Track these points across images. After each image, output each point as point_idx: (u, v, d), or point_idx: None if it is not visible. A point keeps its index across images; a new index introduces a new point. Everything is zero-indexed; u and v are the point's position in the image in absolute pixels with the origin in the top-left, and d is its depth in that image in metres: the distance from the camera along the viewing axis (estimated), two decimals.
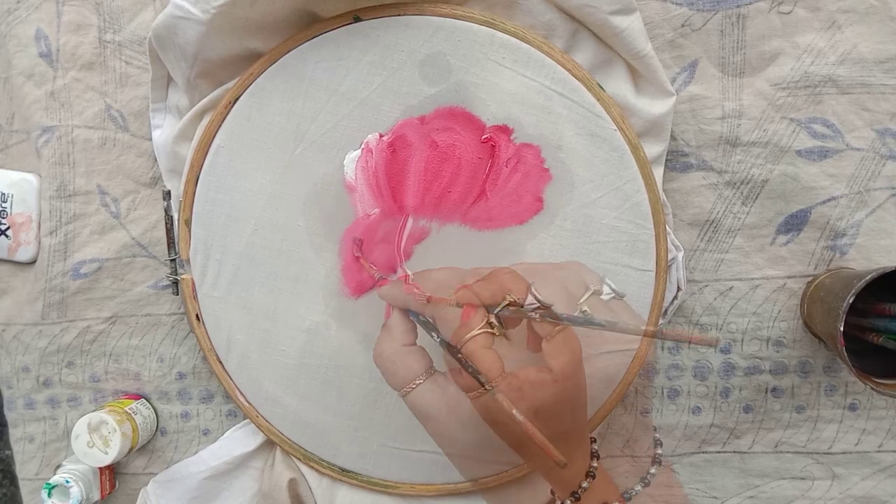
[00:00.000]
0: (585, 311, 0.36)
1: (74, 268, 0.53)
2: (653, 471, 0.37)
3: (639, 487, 0.37)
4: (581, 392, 0.35)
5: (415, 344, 0.39)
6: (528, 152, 0.45)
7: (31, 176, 0.53)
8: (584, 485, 0.36)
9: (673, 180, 0.48)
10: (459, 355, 0.34)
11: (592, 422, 0.46)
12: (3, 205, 0.53)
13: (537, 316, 0.35)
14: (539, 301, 0.36)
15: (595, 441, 0.39)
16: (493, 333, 0.35)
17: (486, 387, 0.33)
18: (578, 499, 0.36)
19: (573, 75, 0.44)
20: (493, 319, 0.35)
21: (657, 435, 0.39)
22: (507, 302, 0.36)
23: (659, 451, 0.38)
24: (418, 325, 0.38)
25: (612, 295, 0.38)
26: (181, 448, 0.54)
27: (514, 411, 0.31)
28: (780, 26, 0.46)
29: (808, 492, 0.50)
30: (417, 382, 0.38)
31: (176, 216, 0.49)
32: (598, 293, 0.37)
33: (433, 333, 0.37)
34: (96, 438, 0.49)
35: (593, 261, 0.46)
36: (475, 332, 0.34)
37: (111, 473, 0.54)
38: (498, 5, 0.45)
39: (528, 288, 0.36)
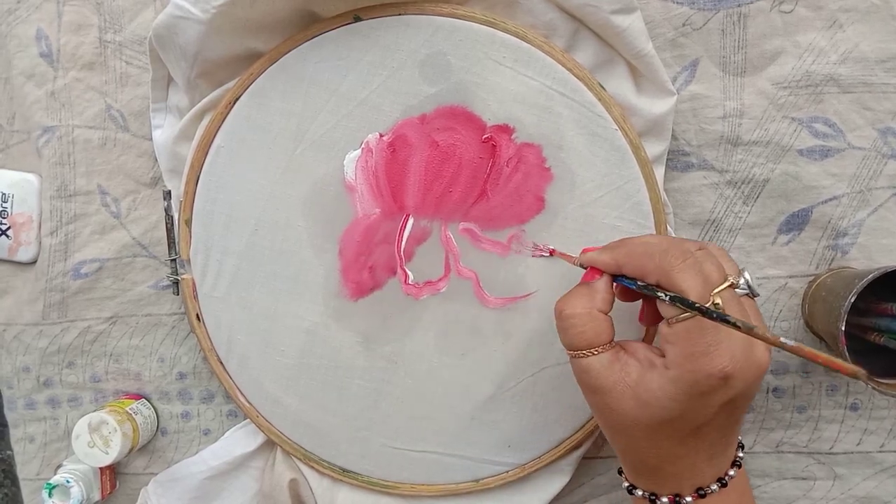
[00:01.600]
0: (718, 303, 0.33)
1: (75, 268, 0.53)
2: (732, 472, 0.37)
3: (715, 487, 0.36)
4: (707, 391, 0.33)
5: (608, 315, 0.37)
6: (528, 152, 0.45)
7: (31, 176, 0.53)
8: (714, 487, 0.35)
9: (674, 180, 0.48)
10: (699, 306, 0.33)
11: None
12: (4, 205, 0.53)
13: (666, 298, 0.34)
14: (751, 288, 0.35)
15: (742, 447, 0.38)
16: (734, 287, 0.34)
17: (748, 329, 0.31)
18: (703, 496, 0.35)
19: (574, 75, 0.44)
20: (718, 300, 0.34)
21: (740, 437, 0.38)
22: (727, 283, 0.34)
23: (741, 453, 0.38)
24: (640, 290, 0.36)
25: (747, 291, 0.36)
26: (182, 448, 0.54)
27: (784, 339, 0.30)
28: (781, 25, 0.46)
29: (809, 492, 0.50)
30: (600, 350, 0.36)
31: (176, 216, 0.49)
32: (734, 286, 0.35)
33: (661, 293, 0.34)
34: (97, 438, 0.49)
35: None
36: (721, 287, 0.34)
37: (112, 473, 0.54)
38: (498, 5, 0.45)
39: (742, 271, 0.35)
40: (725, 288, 0.34)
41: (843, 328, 0.41)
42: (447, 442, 0.48)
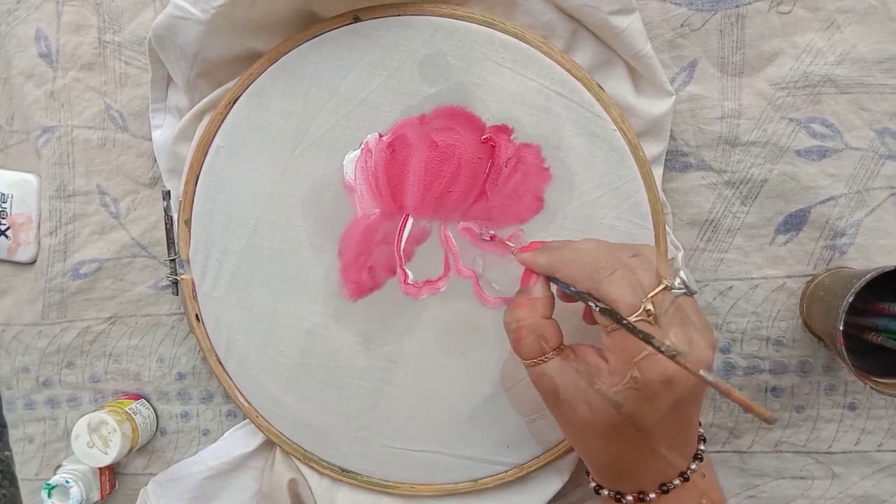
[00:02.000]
0: (650, 309, 0.34)
1: (74, 268, 0.53)
2: (693, 466, 0.37)
3: (677, 482, 0.36)
4: (651, 395, 0.34)
5: (551, 317, 0.38)
6: (527, 152, 0.45)
7: (30, 176, 0.53)
8: (676, 482, 0.36)
9: (672, 180, 0.48)
10: (625, 322, 0.33)
11: None
12: (3, 205, 0.53)
13: (596, 308, 0.34)
14: (687, 287, 0.35)
15: (704, 441, 0.38)
16: (650, 322, 0.34)
17: (669, 352, 0.31)
18: (667, 492, 0.36)
19: (573, 75, 0.45)
20: (650, 306, 0.34)
21: (701, 430, 0.38)
22: (661, 287, 0.34)
23: (702, 447, 0.38)
24: (573, 295, 0.37)
25: (683, 290, 0.36)
26: (181, 448, 0.54)
27: (703, 372, 0.30)
28: (779, 26, 0.46)
29: (807, 491, 0.50)
30: (550, 356, 0.37)
31: (176, 216, 0.49)
32: (669, 288, 0.35)
33: (592, 303, 0.35)
34: (96, 439, 0.49)
35: None
36: (635, 318, 0.33)
37: (111, 473, 0.54)
38: (498, 5, 0.45)
39: (676, 272, 0.35)
40: (658, 292, 0.34)
41: (842, 328, 0.41)
42: (446, 442, 0.48)
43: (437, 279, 0.47)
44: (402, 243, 0.47)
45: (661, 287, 0.35)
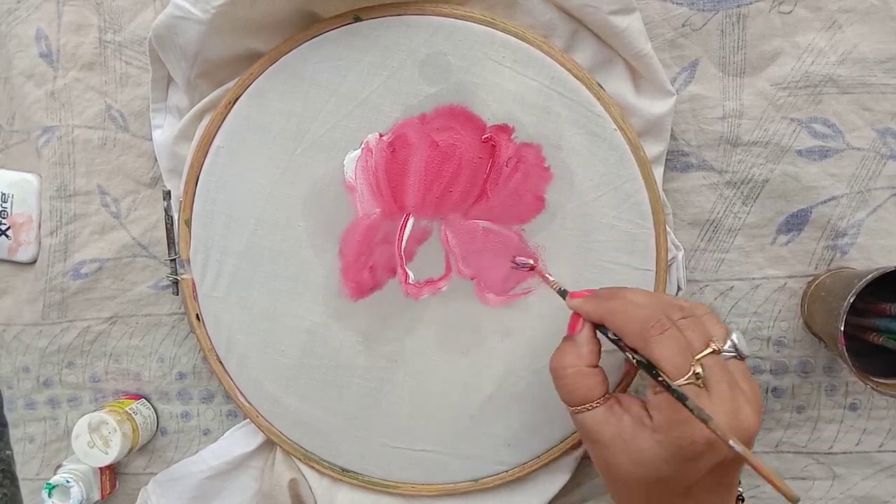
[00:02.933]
0: (699, 372, 0.33)
1: (75, 268, 0.53)
2: None
3: None
4: (693, 456, 0.33)
5: (598, 366, 0.38)
6: (528, 152, 0.45)
7: (31, 176, 0.53)
8: None
9: (673, 180, 0.48)
10: (661, 380, 0.33)
11: None
12: (4, 205, 0.53)
13: (638, 364, 0.34)
14: (738, 350, 0.35)
15: (742, 501, 0.38)
16: (698, 385, 0.33)
17: (702, 417, 0.31)
18: None
19: (573, 75, 0.44)
20: (699, 369, 0.33)
21: (741, 490, 0.38)
22: (710, 350, 0.34)
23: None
24: (620, 349, 0.36)
25: (734, 353, 0.35)
26: (181, 448, 0.54)
27: (732, 441, 0.30)
28: (780, 26, 0.46)
29: (808, 492, 0.50)
30: (595, 405, 0.36)
31: (176, 216, 0.49)
32: (718, 351, 0.34)
33: (638, 360, 0.35)
34: (97, 438, 0.49)
35: (593, 260, 0.46)
36: (683, 381, 0.33)
37: (111, 473, 0.54)
38: (498, 5, 0.45)
39: (728, 334, 0.35)
40: (706, 355, 0.34)
41: (842, 328, 0.41)
42: (447, 441, 0.48)
43: (438, 279, 0.47)
44: (403, 243, 0.47)
45: (710, 350, 0.34)
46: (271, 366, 0.49)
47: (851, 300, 0.40)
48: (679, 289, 0.47)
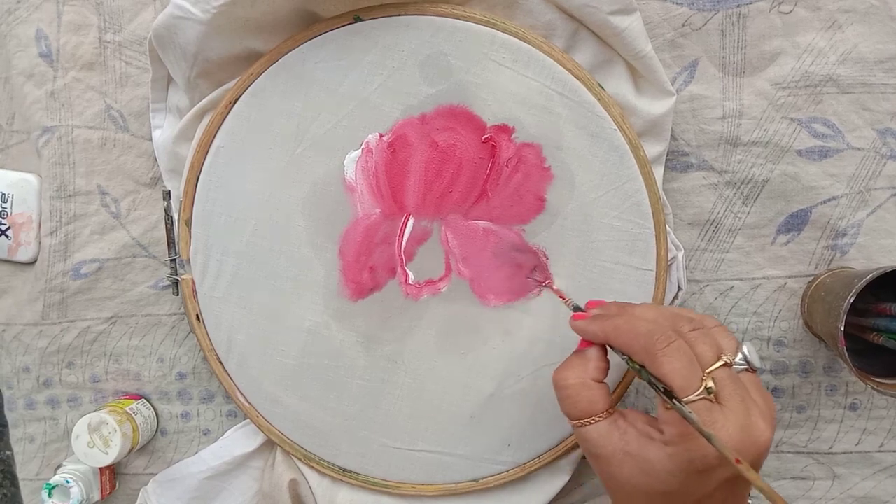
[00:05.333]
0: (710, 387, 0.32)
1: (75, 268, 0.53)
2: None
3: None
4: (705, 469, 0.33)
5: (603, 381, 0.37)
6: (528, 152, 0.45)
7: (31, 176, 0.53)
8: None
9: (673, 180, 0.48)
10: (681, 406, 0.32)
11: None
12: (4, 205, 0.53)
13: (645, 379, 0.33)
14: (749, 363, 0.34)
15: None
16: (710, 399, 0.32)
17: (706, 435, 0.30)
18: None
19: (573, 75, 0.44)
20: (710, 384, 0.32)
21: (751, 501, 0.37)
22: (721, 363, 0.33)
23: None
24: (629, 365, 0.36)
25: (745, 366, 0.34)
26: (181, 448, 0.54)
27: (742, 466, 0.29)
28: (780, 26, 0.46)
29: (808, 492, 0.50)
30: (597, 419, 0.36)
31: (176, 216, 0.49)
32: (729, 364, 0.34)
33: (646, 377, 0.34)
34: (96, 439, 0.49)
35: (594, 260, 0.46)
36: (694, 396, 0.32)
37: (111, 474, 0.54)
38: (498, 5, 0.45)
39: (739, 347, 0.34)
40: (718, 368, 0.33)
41: (843, 328, 0.41)
42: (447, 441, 0.48)
43: (438, 280, 0.47)
44: (403, 244, 0.47)
45: (721, 363, 0.33)
46: (271, 366, 0.49)
47: (851, 300, 0.40)
48: (679, 289, 0.47)
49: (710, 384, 0.33)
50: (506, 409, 0.48)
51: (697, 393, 0.32)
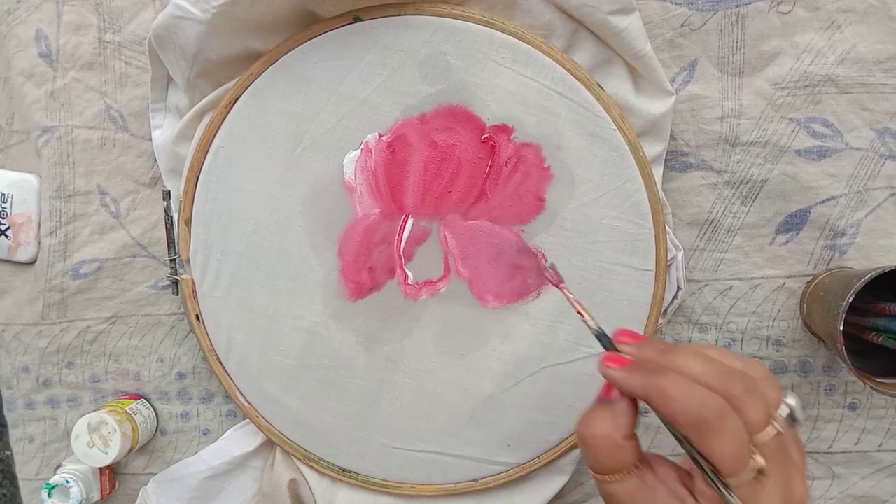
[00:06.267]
0: (760, 468, 0.30)
1: (74, 268, 0.53)
2: None
3: None
4: None
5: (634, 435, 0.33)
6: (528, 152, 0.45)
7: (31, 176, 0.53)
8: None
9: (672, 180, 0.48)
10: (727, 494, 0.30)
11: None
12: (3, 205, 0.53)
13: (690, 455, 0.31)
14: (794, 419, 0.31)
15: None
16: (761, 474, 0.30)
17: None
18: None
19: (573, 75, 0.44)
20: (761, 461, 0.29)
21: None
22: (773, 434, 0.30)
23: None
24: (670, 431, 0.32)
25: (789, 420, 0.31)
26: (181, 448, 0.54)
27: None
28: (779, 26, 0.46)
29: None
30: (624, 475, 0.33)
31: (176, 216, 0.49)
32: (779, 433, 0.30)
33: (693, 454, 0.31)
34: (96, 438, 0.49)
35: (593, 260, 0.46)
36: (742, 482, 0.29)
37: (111, 473, 0.54)
38: (498, 5, 0.45)
39: (782, 398, 0.31)
40: (771, 438, 0.30)
41: (842, 328, 0.41)
42: (446, 442, 0.48)
43: (437, 280, 0.47)
44: (402, 244, 0.47)
45: (774, 434, 0.30)
46: (271, 366, 0.49)
47: (850, 300, 0.41)
48: (679, 288, 0.47)
49: (761, 462, 0.30)
50: (505, 409, 0.48)
51: (745, 475, 0.30)
